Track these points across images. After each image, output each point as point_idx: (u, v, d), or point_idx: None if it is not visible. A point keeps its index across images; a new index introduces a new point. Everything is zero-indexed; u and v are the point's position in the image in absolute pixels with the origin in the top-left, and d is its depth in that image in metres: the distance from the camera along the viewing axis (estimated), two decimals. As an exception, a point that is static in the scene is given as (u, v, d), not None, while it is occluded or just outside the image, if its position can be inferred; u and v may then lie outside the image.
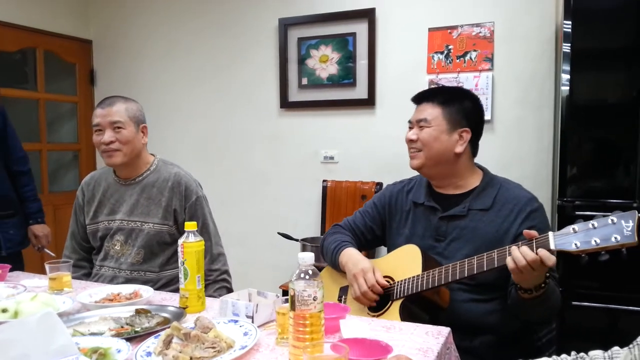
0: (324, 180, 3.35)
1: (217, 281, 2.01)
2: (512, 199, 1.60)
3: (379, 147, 3.22)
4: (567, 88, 2.20)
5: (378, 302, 1.60)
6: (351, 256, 1.70)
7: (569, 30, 2.17)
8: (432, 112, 1.65)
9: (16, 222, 2.43)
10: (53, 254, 2.43)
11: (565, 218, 2.20)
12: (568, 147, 2.23)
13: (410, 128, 1.71)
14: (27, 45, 3.72)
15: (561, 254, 1.29)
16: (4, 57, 3.57)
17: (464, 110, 1.66)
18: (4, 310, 1.41)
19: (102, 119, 1.93)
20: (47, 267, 1.73)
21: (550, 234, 1.30)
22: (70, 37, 3.96)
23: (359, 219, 1.87)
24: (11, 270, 1.95)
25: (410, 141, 1.68)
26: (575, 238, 1.25)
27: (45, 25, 3.75)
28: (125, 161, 1.97)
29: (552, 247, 1.28)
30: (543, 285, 1.38)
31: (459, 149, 1.64)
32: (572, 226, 1.26)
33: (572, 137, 2.22)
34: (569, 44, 2.18)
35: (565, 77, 2.20)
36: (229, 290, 2.04)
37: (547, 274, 1.39)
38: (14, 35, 3.56)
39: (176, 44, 3.82)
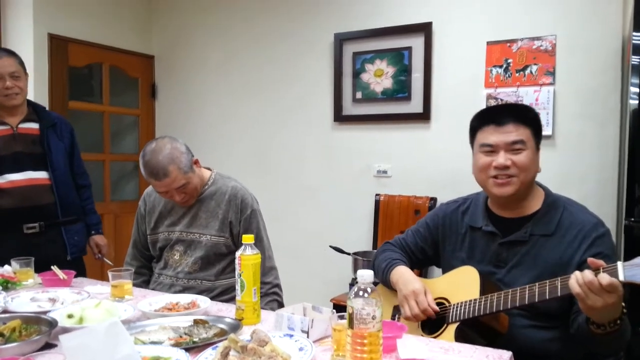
0: (376, 194, 3.33)
1: (269, 294, 2.03)
2: (576, 224, 1.50)
3: (433, 161, 3.18)
4: (636, 102, 2.10)
5: (433, 323, 1.56)
6: (402, 275, 1.65)
7: (639, 42, 2.08)
8: (524, 132, 1.53)
9: (80, 229, 2.57)
10: (111, 263, 2.55)
11: (633, 239, 2.09)
12: (636, 164, 2.12)
13: (491, 152, 1.55)
14: (94, 61, 3.91)
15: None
16: (73, 71, 3.76)
17: (539, 126, 1.59)
18: (70, 316, 1.46)
19: (167, 188, 1.94)
20: (109, 274, 1.79)
21: (620, 264, 1.20)
22: (134, 52, 4.14)
23: (411, 238, 1.83)
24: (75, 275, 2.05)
25: (502, 167, 1.52)
26: None
27: (112, 41, 3.94)
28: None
29: (620, 278, 1.18)
30: (618, 321, 1.27)
31: (539, 168, 1.58)
32: None
33: (641, 153, 2.11)
34: (639, 57, 2.09)
35: (634, 90, 2.11)
36: (280, 303, 2.06)
37: (624, 310, 1.29)
38: (83, 51, 3.76)
39: (233, 58, 3.92)
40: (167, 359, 1.15)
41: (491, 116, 1.59)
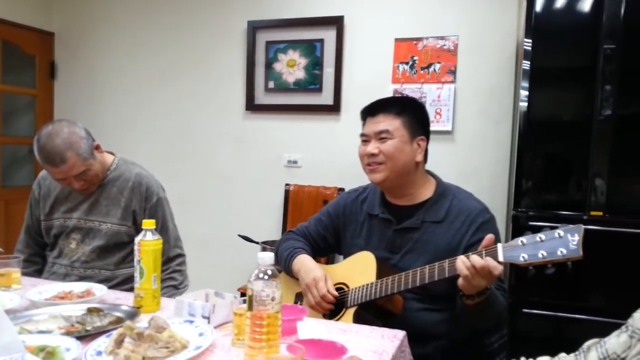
0: (286, 184, 3.35)
1: (164, 280, 1.96)
2: (464, 211, 1.60)
3: (342, 153, 3.25)
4: (525, 104, 2.26)
5: (332, 308, 1.60)
6: (303, 264, 1.69)
7: (529, 48, 2.24)
8: (392, 123, 1.62)
9: None
10: (1, 249, 2.37)
11: (519, 228, 2.26)
12: (524, 161, 2.29)
13: (366, 142, 1.67)
14: (-16, 34, 3.59)
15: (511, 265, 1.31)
16: (-42, 44, 3.44)
17: (418, 118, 1.66)
18: (-53, 307, 1.35)
19: (65, 175, 1.83)
20: (-5, 262, 1.67)
21: (499, 245, 1.31)
22: (31, 28, 3.84)
23: (313, 227, 1.87)
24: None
25: (370, 155, 1.63)
26: (523, 250, 1.26)
27: (5, 14, 3.63)
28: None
29: (500, 259, 1.29)
30: (486, 290, 1.38)
31: (419, 157, 1.64)
32: (521, 238, 1.28)
33: (528, 151, 2.28)
34: (529, 62, 2.25)
35: (524, 93, 2.27)
36: (175, 287, 2.01)
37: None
38: (-30, 23, 3.44)
39: (142, 41, 3.76)
40: (55, 348, 1.09)
41: (369, 109, 1.70)
